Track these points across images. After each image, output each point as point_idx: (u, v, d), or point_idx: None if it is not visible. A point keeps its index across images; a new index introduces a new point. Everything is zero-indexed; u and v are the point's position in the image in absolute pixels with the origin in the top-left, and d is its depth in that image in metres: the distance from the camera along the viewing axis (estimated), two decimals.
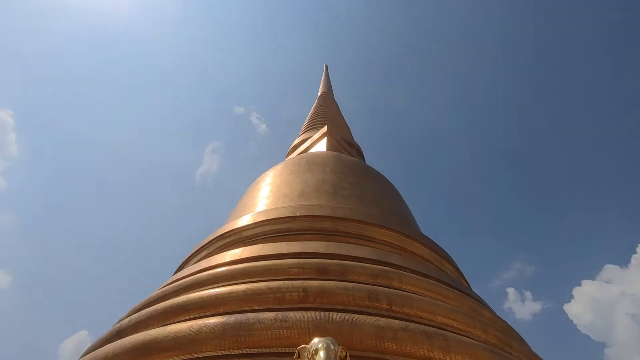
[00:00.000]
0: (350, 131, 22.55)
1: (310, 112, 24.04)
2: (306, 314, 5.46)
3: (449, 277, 8.39)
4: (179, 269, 10.04)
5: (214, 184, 75.54)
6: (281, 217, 9.38)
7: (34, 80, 60.06)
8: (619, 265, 61.63)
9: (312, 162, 12.91)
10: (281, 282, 6.34)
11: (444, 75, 70.90)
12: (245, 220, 9.79)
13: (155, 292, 7.66)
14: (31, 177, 61.82)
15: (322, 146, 17.12)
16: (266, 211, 9.99)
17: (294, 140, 20.66)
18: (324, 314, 5.50)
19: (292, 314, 5.44)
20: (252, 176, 14.71)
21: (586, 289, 55.46)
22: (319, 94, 27.88)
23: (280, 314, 5.47)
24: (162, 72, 74.33)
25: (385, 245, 9.00)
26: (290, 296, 6.09)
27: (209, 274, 7.21)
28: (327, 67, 33.30)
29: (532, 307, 63.34)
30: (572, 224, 60.90)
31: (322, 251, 7.66)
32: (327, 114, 22.59)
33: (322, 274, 6.80)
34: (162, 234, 66.72)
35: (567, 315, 59.39)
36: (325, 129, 18.13)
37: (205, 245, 10.00)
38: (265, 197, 11.66)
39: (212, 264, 7.84)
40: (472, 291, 8.81)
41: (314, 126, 20.70)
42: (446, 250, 10.55)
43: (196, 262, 9.24)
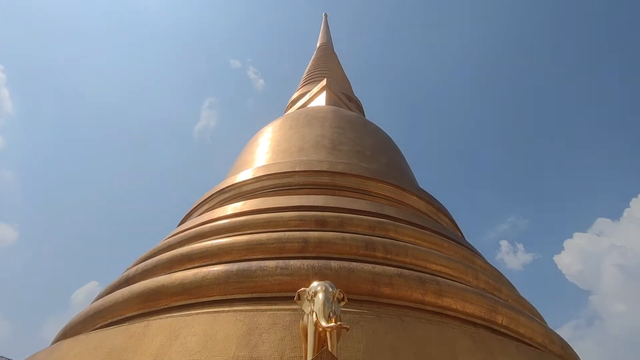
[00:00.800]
0: (350, 85, 21.95)
1: (309, 65, 23.22)
2: (306, 262, 5.71)
3: (444, 229, 8.65)
4: (182, 222, 10.31)
5: (213, 140, 75.05)
6: (280, 172, 9.45)
7: (25, 35, 57.28)
8: (611, 218, 63.33)
9: (311, 117, 12.73)
10: (281, 233, 6.55)
11: (448, 27, 67.62)
12: (245, 175, 9.88)
13: (160, 243, 7.93)
14: (28, 133, 61.23)
15: (321, 100, 16.78)
16: (266, 166, 10.04)
17: (293, 94, 20.18)
18: (322, 262, 5.74)
19: (292, 262, 5.69)
20: (250, 132, 14.58)
21: (577, 242, 57.48)
22: (318, 45, 26.71)
23: (281, 262, 5.71)
24: (158, 25, 70.73)
25: (383, 198, 9.16)
26: (290, 246, 6.32)
27: (211, 226, 7.42)
28: (326, 15, 31.54)
29: (523, 258, 66.05)
30: (567, 178, 61.58)
31: (321, 204, 7.81)
32: (327, 66, 21.83)
33: (321, 225, 7.00)
34: (164, 189, 67.63)
35: (556, 265, 62.17)
36: (324, 82, 17.64)
37: (206, 199, 10.17)
38: (264, 152, 11.65)
39: (214, 217, 8.04)
40: (466, 241, 9.13)
41: (313, 79, 20.11)
42: (443, 204, 10.77)
43: (198, 215, 9.46)
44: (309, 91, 18.48)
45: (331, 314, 3.45)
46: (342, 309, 3.90)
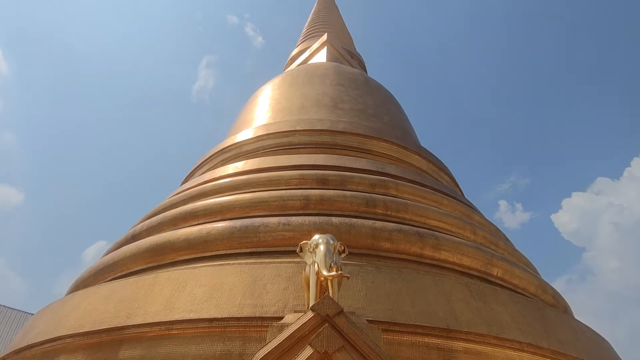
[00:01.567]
0: (352, 40, 21.03)
1: (309, 18, 22.12)
2: (307, 218, 5.81)
3: (444, 186, 8.71)
4: (185, 181, 10.39)
5: (211, 101, 73.58)
6: (281, 131, 9.34)
7: None
8: (611, 178, 63.57)
9: (312, 74, 12.36)
10: (283, 191, 6.61)
11: None
12: (245, 135, 9.79)
13: (164, 201, 8.05)
14: (24, 94, 60.09)
15: (322, 56, 16.19)
16: (266, 125, 9.92)
17: (292, 50, 19.44)
18: (324, 218, 5.85)
19: (294, 219, 5.79)
20: (250, 91, 14.24)
21: (575, 200, 58.19)
22: None
23: (283, 218, 5.82)
24: None
25: (384, 157, 9.14)
26: (292, 204, 6.40)
27: (213, 185, 7.48)
28: None
29: (521, 217, 67.27)
30: (569, 138, 60.93)
31: (322, 163, 7.80)
32: (327, 20, 20.79)
33: (322, 184, 7.04)
34: (165, 149, 67.52)
35: (553, 224, 63.45)
36: (325, 37, 16.91)
37: (207, 159, 10.18)
38: (264, 111, 11.45)
39: (216, 176, 8.08)
40: (465, 198, 9.23)
41: (313, 34, 19.26)
42: (445, 163, 10.75)
43: (200, 174, 9.51)
44: (309, 47, 17.77)
45: (332, 264, 3.57)
46: (343, 261, 4.02)
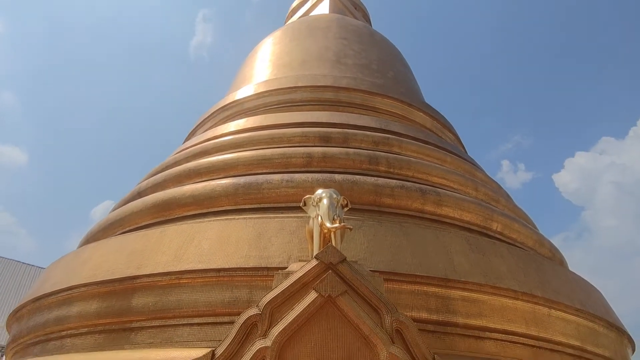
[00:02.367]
0: None
1: None
2: (310, 175, 5.86)
3: (447, 144, 8.65)
4: (187, 139, 10.35)
5: (210, 58, 71.27)
6: (282, 87, 9.12)
7: None
8: (616, 137, 62.69)
9: (314, 27, 11.82)
10: (285, 149, 6.60)
11: None
12: (246, 91, 9.58)
13: (167, 159, 8.08)
14: (19, 51, 58.32)
15: (324, 7, 15.37)
16: (267, 82, 9.67)
17: (293, 1, 18.42)
18: (327, 175, 5.90)
19: (297, 176, 5.84)
20: (250, 45, 13.68)
21: (578, 160, 57.95)
22: None
23: (286, 175, 5.88)
24: None
25: (388, 114, 8.98)
26: (294, 161, 6.42)
27: (215, 143, 7.46)
28: None
29: (523, 177, 67.42)
30: (575, 96, 59.35)
31: (324, 120, 7.70)
32: None
33: (324, 141, 7.00)
34: (165, 108, 66.67)
35: (554, 183, 63.76)
36: None
37: (208, 117, 10.05)
38: (265, 67, 11.10)
39: (218, 134, 8.03)
40: (468, 156, 9.21)
41: None
42: (449, 120, 10.58)
43: (202, 132, 9.44)
44: None
45: (335, 216, 3.65)
46: (345, 216, 4.11)
